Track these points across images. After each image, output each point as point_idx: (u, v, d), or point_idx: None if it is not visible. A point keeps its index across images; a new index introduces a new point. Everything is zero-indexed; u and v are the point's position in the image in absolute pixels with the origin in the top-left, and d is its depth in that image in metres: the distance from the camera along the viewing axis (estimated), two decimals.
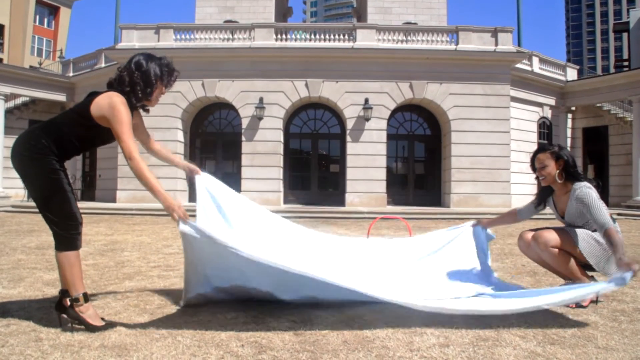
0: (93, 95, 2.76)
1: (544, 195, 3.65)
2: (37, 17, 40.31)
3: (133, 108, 2.81)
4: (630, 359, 2.33)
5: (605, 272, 3.34)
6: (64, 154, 2.74)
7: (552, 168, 3.44)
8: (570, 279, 3.44)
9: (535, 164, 3.56)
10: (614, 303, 3.45)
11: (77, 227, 2.72)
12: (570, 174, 3.41)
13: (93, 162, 20.67)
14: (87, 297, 2.70)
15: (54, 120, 2.80)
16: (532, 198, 3.85)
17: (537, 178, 3.58)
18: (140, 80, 2.77)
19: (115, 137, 2.73)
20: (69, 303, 2.67)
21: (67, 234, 2.68)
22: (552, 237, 3.37)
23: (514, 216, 3.84)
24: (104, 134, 2.80)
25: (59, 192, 2.68)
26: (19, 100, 20.98)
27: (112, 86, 2.81)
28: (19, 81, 19.56)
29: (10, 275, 4.33)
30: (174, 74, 2.92)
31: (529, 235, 3.56)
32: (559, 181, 3.43)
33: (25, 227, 9.66)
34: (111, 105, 2.66)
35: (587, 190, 3.25)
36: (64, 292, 2.72)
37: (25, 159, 2.67)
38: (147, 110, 2.99)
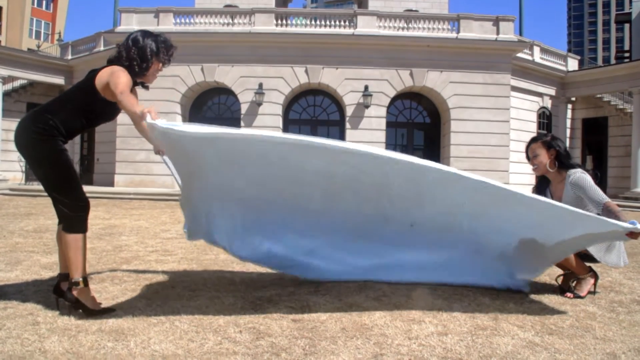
0: (94, 71, 2.77)
1: (541, 186, 3.66)
2: None
3: (133, 84, 2.81)
4: (628, 350, 2.33)
5: (605, 262, 3.36)
6: (70, 133, 2.74)
7: (543, 157, 3.48)
8: (568, 269, 3.45)
9: (528, 154, 3.59)
10: (612, 294, 3.46)
11: (85, 209, 2.72)
12: (563, 163, 3.43)
13: (91, 145, 20.56)
14: (86, 282, 2.69)
15: (57, 99, 2.81)
16: (530, 188, 3.85)
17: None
18: (137, 56, 2.77)
19: (115, 100, 2.66)
20: (67, 286, 2.66)
21: (75, 216, 2.68)
22: None
23: None
24: (109, 108, 2.81)
25: (68, 173, 2.69)
26: (16, 83, 20.79)
27: (112, 63, 2.82)
28: (16, 64, 19.35)
29: (7, 258, 4.32)
30: (171, 50, 2.90)
31: None
32: (551, 170, 3.47)
33: (22, 210, 9.64)
34: (112, 71, 2.69)
35: (581, 174, 3.31)
36: (63, 276, 2.71)
37: (32, 142, 2.65)
38: (147, 87, 2.99)
